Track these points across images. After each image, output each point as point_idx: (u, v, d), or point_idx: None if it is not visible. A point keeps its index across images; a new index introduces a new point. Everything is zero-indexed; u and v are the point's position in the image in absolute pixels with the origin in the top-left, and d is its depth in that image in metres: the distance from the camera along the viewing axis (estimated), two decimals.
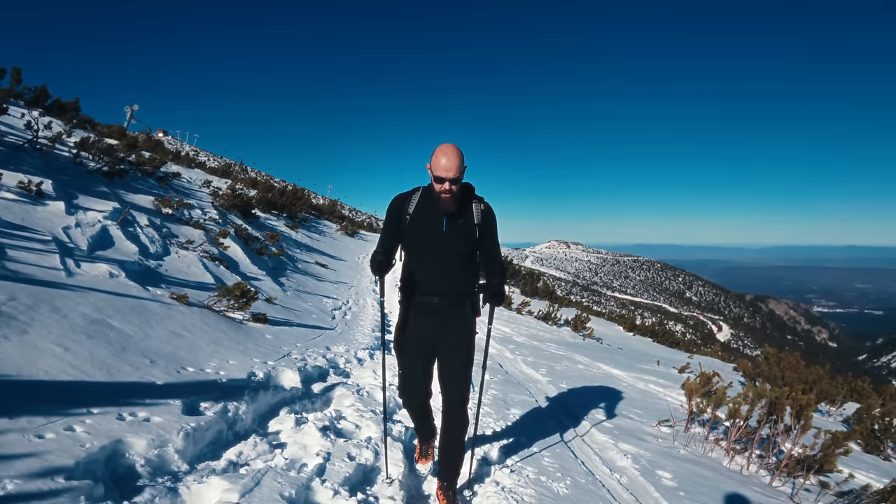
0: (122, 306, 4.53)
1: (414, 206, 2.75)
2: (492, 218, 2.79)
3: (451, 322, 2.81)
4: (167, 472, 2.47)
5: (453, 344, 2.82)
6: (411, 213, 2.74)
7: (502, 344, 9.08)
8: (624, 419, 5.06)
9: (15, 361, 2.85)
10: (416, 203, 2.76)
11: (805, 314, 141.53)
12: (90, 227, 6.23)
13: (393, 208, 2.80)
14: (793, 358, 11.08)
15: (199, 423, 2.85)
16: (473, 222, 2.73)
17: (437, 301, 2.76)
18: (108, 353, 3.49)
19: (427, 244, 2.74)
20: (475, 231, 2.73)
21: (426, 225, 2.72)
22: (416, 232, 2.74)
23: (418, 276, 2.77)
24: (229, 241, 9.53)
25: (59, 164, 8.23)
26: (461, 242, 2.73)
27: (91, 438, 2.36)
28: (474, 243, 2.76)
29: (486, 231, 2.77)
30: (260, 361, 4.48)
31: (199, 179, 16.78)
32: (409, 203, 2.77)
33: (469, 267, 2.81)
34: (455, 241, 2.72)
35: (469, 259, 2.78)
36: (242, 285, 6.15)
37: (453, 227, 2.72)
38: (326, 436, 3.21)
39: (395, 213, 2.78)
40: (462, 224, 2.72)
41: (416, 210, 2.74)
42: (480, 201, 2.79)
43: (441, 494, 2.87)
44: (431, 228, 2.72)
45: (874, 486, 3.87)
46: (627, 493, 3.30)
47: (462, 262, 2.76)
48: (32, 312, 3.59)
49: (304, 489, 2.53)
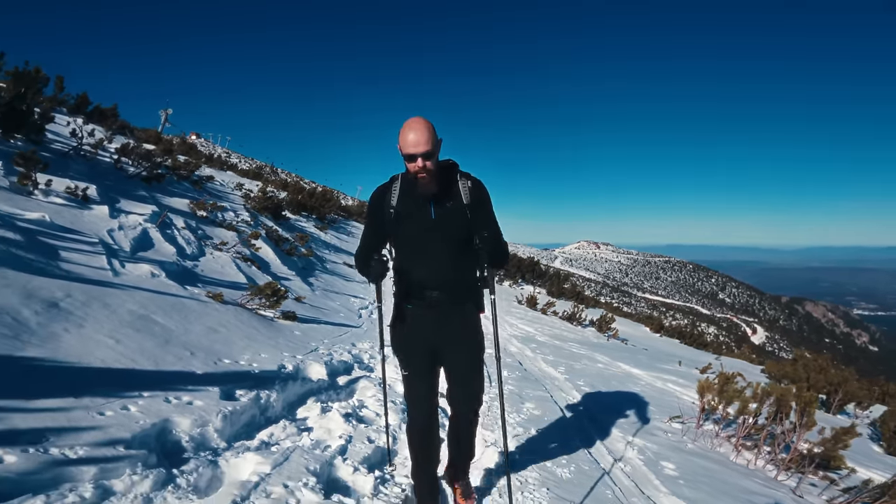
0: (163, 303, 4.92)
1: (396, 198, 2.48)
2: (483, 194, 2.51)
3: (452, 318, 2.54)
4: (208, 448, 2.81)
5: (456, 337, 2.55)
6: (394, 205, 2.47)
7: (524, 343, 9.29)
8: (636, 415, 5.23)
9: (76, 351, 3.24)
10: (398, 193, 2.49)
11: (844, 317, 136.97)
12: (132, 230, 6.69)
13: (374, 203, 2.56)
14: (822, 360, 10.98)
15: (234, 407, 3.19)
16: (462, 202, 2.45)
17: (435, 295, 2.49)
18: (153, 345, 3.87)
19: (416, 236, 2.47)
20: (465, 212, 2.45)
21: (412, 216, 2.46)
22: (401, 225, 2.48)
23: (411, 272, 2.50)
24: (261, 242, 9.97)
25: (101, 170, 8.78)
26: (453, 228, 2.45)
27: (143, 417, 2.71)
28: (467, 227, 2.47)
29: (479, 209, 2.49)
30: (289, 355, 4.81)
31: (231, 182, 17.38)
32: (389, 194, 2.50)
33: (466, 255, 2.51)
34: (446, 227, 2.45)
35: (465, 246, 2.50)
36: (273, 285, 6.52)
37: (441, 212, 2.44)
38: (349, 421, 3.52)
39: (376, 209, 2.55)
40: (450, 207, 2.45)
41: (398, 201, 2.47)
42: (468, 178, 2.50)
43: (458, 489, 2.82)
44: (418, 218, 2.45)
45: (876, 480, 3.98)
46: (629, 479, 3.51)
47: (457, 250, 2.48)
48: (86, 308, 3.98)
49: (328, 465, 2.84)
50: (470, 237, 2.49)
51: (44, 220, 5.48)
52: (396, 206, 2.46)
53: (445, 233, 2.45)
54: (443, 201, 2.44)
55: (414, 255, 2.50)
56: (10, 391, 2.49)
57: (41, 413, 2.41)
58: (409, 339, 2.59)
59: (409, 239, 2.49)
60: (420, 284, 2.50)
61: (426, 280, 2.48)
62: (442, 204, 2.44)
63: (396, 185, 2.50)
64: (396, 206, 2.46)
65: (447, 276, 2.48)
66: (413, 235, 2.48)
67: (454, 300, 2.53)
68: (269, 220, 13.55)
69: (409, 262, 2.51)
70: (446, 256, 2.46)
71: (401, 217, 2.46)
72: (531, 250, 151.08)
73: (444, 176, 2.44)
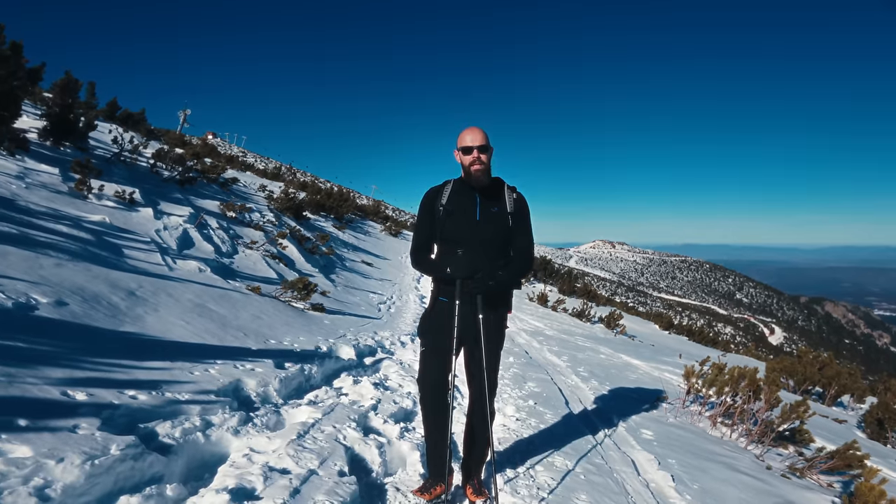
0: (213, 294, 5.70)
1: (447, 198, 2.76)
2: (524, 206, 2.80)
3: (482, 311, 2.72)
4: (270, 402, 3.58)
5: (484, 331, 2.70)
6: (444, 204, 2.75)
7: (531, 336, 9.96)
8: (626, 394, 5.91)
9: (159, 328, 4.02)
10: (449, 194, 2.77)
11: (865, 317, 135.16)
12: (175, 230, 7.48)
13: (427, 201, 2.81)
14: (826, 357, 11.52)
15: (286, 374, 3.96)
16: (507, 210, 2.75)
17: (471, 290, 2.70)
18: (214, 327, 4.64)
19: (461, 234, 2.71)
20: (508, 219, 2.74)
21: (460, 214, 2.72)
22: (450, 222, 2.72)
23: (451, 267, 2.70)
24: (287, 241, 10.75)
25: (140, 174, 9.64)
26: (494, 230, 2.71)
27: (221, 377, 3.48)
28: (507, 232, 2.74)
29: (519, 218, 2.76)
30: (323, 339, 5.57)
31: (253, 184, 18.26)
32: (441, 195, 2.78)
33: (502, 256, 2.76)
34: (489, 228, 2.71)
35: (502, 249, 2.76)
36: (304, 280, 7.29)
37: (487, 214, 2.72)
38: (377, 388, 4.29)
39: (429, 206, 2.80)
40: (496, 212, 2.73)
41: (448, 201, 2.75)
42: (513, 190, 2.81)
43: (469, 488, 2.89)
44: (465, 218, 2.71)
45: (829, 448, 4.61)
46: (609, 440, 4.19)
47: (495, 251, 2.73)
48: (156, 297, 4.76)
49: (363, 417, 3.59)
50: (507, 241, 2.77)
51: (104, 222, 6.28)
52: (447, 205, 2.75)
53: (487, 234, 2.71)
54: (489, 205, 2.74)
55: (455, 251, 2.72)
56: (125, 354, 3.26)
57: (151, 370, 3.18)
58: (438, 324, 2.77)
59: (454, 235, 2.73)
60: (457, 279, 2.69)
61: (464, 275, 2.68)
62: (487, 208, 2.74)
63: (449, 186, 2.82)
64: (447, 205, 2.75)
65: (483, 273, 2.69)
66: (458, 232, 2.72)
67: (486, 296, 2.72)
68: (292, 220, 14.35)
69: (450, 257, 2.73)
70: (484, 255, 2.70)
71: (450, 214, 2.74)
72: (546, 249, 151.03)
73: (493, 183, 2.79)
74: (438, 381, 2.77)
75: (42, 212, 5.50)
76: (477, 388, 2.80)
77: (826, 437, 5.75)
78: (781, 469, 4.34)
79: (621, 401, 5.60)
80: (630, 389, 6.28)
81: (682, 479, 3.53)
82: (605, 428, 4.50)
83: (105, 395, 2.65)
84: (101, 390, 2.68)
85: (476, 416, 2.83)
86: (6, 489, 1.78)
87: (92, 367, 2.91)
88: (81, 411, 2.41)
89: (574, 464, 3.46)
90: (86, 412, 2.42)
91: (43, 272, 4.04)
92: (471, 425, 2.88)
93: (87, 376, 2.78)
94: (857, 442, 4.45)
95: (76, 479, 1.96)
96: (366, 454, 3.10)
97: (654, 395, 6.14)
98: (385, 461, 3.10)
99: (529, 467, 3.33)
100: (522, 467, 3.32)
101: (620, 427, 4.58)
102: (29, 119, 9.26)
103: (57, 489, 1.88)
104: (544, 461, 3.45)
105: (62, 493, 1.89)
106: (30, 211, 5.35)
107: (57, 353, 2.89)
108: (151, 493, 2.14)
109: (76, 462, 2.00)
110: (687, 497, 3.29)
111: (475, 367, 2.79)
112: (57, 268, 4.26)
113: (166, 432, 2.58)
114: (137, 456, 2.24)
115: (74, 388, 2.59)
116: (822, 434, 5.84)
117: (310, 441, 2.97)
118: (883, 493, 3.52)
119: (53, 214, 5.61)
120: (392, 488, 2.87)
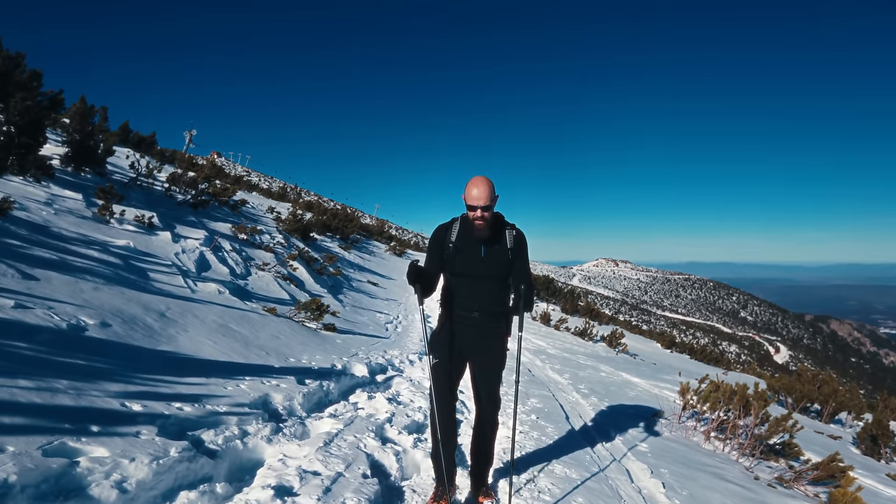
0: (234, 315, 6.06)
1: (455, 235, 3.06)
2: (523, 242, 3.11)
3: (486, 333, 3.10)
4: (295, 415, 3.93)
5: (487, 349, 3.10)
6: (454, 241, 3.05)
7: (535, 355, 10.26)
8: (625, 409, 6.21)
9: (190, 347, 4.39)
10: (457, 232, 3.07)
11: (871, 336, 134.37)
12: (192, 253, 7.85)
13: (436, 237, 3.12)
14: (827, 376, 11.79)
15: (308, 389, 4.32)
16: (507, 247, 3.05)
17: (476, 315, 3.06)
18: (238, 346, 5.00)
19: (468, 268, 3.03)
20: (508, 255, 3.05)
21: (467, 251, 3.03)
22: (458, 258, 3.03)
23: (459, 295, 3.08)
24: (297, 263, 11.12)
25: (155, 198, 10.05)
26: (497, 266, 3.04)
27: (251, 391, 3.84)
28: (508, 265, 3.06)
29: (518, 254, 3.08)
30: (337, 357, 5.92)
31: (261, 205, 18.70)
32: (450, 232, 3.08)
33: (503, 287, 3.11)
34: (492, 264, 3.03)
35: (503, 280, 3.09)
36: (317, 301, 7.65)
37: (490, 252, 3.03)
38: (391, 403, 4.63)
39: (438, 242, 3.10)
40: (497, 250, 3.04)
41: (457, 238, 3.05)
42: (513, 228, 3.11)
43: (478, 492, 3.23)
44: (471, 254, 3.02)
45: (814, 460, 4.91)
46: (606, 450, 4.51)
47: (497, 283, 3.07)
48: (184, 318, 5.13)
49: (380, 428, 3.95)
50: (508, 274, 3.10)
51: (129, 246, 6.66)
52: (455, 242, 3.06)
53: (490, 269, 3.05)
54: (492, 244, 3.05)
55: (463, 283, 3.08)
56: (166, 371, 3.63)
57: (191, 385, 3.55)
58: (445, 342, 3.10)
59: (461, 270, 3.06)
60: (465, 306, 3.07)
61: (470, 303, 3.06)
62: (491, 246, 3.05)
63: (456, 224, 3.12)
64: (455, 242, 3.06)
65: (487, 302, 3.07)
66: (465, 267, 3.05)
67: (489, 321, 3.10)
68: (300, 241, 14.73)
69: (458, 288, 3.09)
70: (488, 287, 3.07)
71: (459, 251, 3.05)
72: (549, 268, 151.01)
73: (494, 223, 3.07)
74: (447, 392, 3.10)
75: (73, 237, 5.88)
76: (481, 402, 3.16)
77: (818, 453, 6.01)
78: (769, 479, 4.63)
79: (619, 416, 5.91)
80: (628, 406, 6.58)
81: (672, 486, 3.85)
82: (602, 441, 4.81)
83: (156, 406, 3.02)
84: (152, 402, 3.04)
85: (485, 424, 3.18)
86: (93, 482, 2.14)
87: (141, 382, 3.27)
88: (140, 420, 2.77)
89: (572, 472, 3.78)
90: (143, 420, 2.78)
91: (85, 296, 4.42)
92: (478, 433, 3.22)
93: (139, 390, 3.15)
94: (839, 454, 4.75)
95: (146, 476, 2.32)
96: (384, 460, 3.45)
97: (652, 411, 6.43)
98: (402, 467, 3.46)
99: (531, 474, 3.66)
100: (525, 474, 3.65)
101: (617, 440, 4.89)
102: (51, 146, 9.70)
103: (132, 483, 2.25)
104: (545, 469, 3.78)
105: (136, 486, 2.25)
106: (62, 237, 5.75)
107: (110, 369, 3.26)
108: (205, 489, 2.49)
109: (145, 461, 2.36)
110: (676, 501, 3.60)
111: (480, 383, 3.14)
112: (95, 291, 4.65)
113: (211, 439, 2.93)
114: (191, 458, 2.60)
115: (131, 400, 2.95)
116: (814, 449, 6.12)
117: (335, 448, 3.33)
118: (857, 500, 3.82)
119: (83, 240, 5.99)
120: (409, 490, 3.24)
